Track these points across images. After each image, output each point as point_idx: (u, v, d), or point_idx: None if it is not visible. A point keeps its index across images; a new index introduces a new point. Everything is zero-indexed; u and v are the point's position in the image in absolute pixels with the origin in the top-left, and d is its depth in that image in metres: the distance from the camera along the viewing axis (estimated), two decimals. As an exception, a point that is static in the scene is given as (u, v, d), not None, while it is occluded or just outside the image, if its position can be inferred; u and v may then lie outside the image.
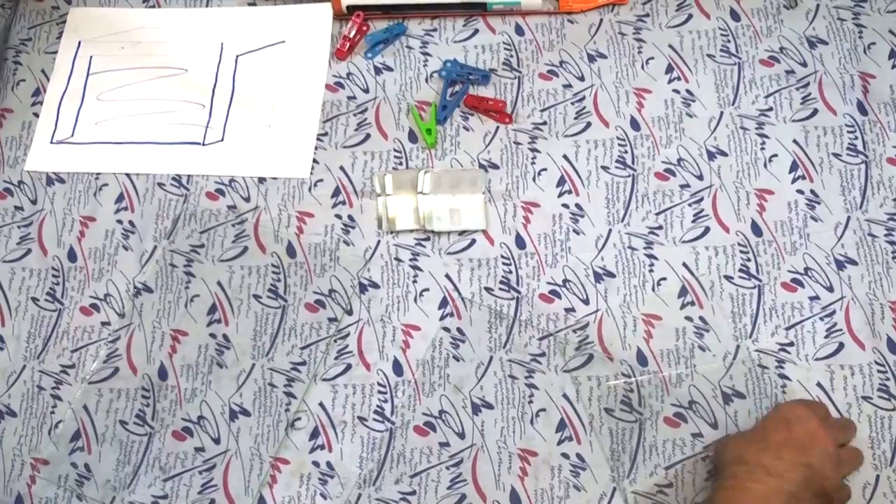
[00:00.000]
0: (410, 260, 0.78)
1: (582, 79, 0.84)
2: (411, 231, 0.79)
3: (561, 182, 0.80)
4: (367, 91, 0.85)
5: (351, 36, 0.86)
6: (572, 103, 0.83)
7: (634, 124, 0.81)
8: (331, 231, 0.80)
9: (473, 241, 0.78)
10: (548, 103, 0.83)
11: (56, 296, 0.80)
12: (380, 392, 0.74)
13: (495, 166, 0.81)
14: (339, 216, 0.80)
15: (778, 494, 0.60)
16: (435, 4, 0.86)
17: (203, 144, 0.84)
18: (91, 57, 0.90)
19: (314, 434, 0.73)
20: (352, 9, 0.87)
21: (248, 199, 0.82)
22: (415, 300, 0.77)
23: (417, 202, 0.79)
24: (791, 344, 0.72)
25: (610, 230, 0.78)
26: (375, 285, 0.77)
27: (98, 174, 0.84)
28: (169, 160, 0.84)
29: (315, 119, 0.84)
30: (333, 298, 0.77)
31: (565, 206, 0.79)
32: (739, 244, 0.76)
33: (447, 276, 0.77)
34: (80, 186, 0.84)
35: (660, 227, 0.77)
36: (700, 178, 0.79)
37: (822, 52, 0.82)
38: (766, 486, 0.61)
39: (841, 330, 0.72)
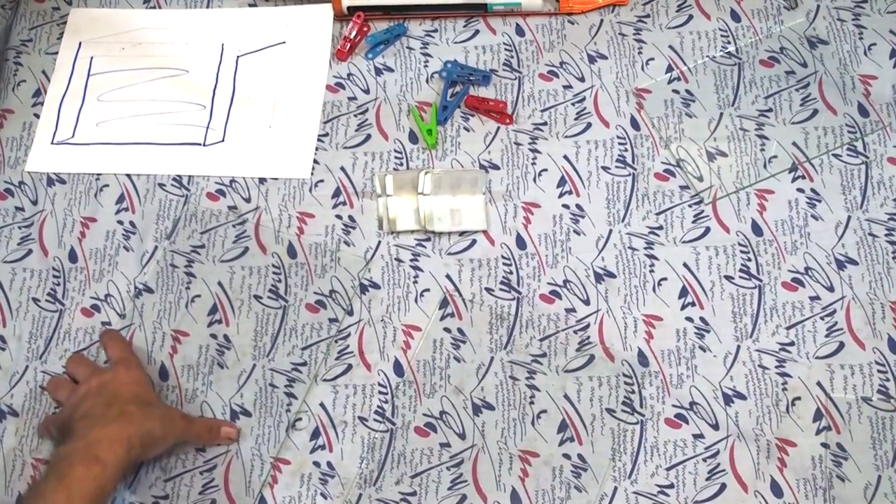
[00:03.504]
0: (411, 260, 0.78)
1: (582, 79, 0.84)
2: (412, 232, 0.79)
3: (561, 182, 0.80)
4: (367, 92, 0.85)
5: (351, 37, 0.86)
6: (573, 104, 0.83)
7: (634, 124, 0.81)
8: (331, 231, 0.80)
9: (474, 242, 0.78)
10: (548, 104, 0.83)
11: (57, 296, 0.80)
12: (380, 392, 0.74)
13: (496, 167, 0.81)
14: (339, 217, 0.80)
15: None
16: (435, 5, 0.86)
17: (204, 145, 0.85)
18: (92, 58, 0.90)
19: (315, 434, 0.73)
20: (352, 9, 0.87)
21: (248, 200, 0.82)
22: (415, 300, 0.77)
23: (418, 203, 0.79)
24: (792, 343, 0.72)
25: (610, 230, 0.78)
26: (376, 286, 0.78)
27: (99, 175, 0.84)
28: (169, 161, 0.84)
29: (316, 120, 0.84)
30: (334, 299, 0.77)
31: (566, 206, 0.79)
32: (740, 244, 0.76)
33: (448, 276, 0.77)
34: (81, 187, 0.84)
35: (660, 228, 0.77)
36: (700, 178, 0.79)
37: (822, 53, 0.82)
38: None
39: (841, 329, 0.72)
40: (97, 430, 0.64)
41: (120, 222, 0.82)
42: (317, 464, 0.72)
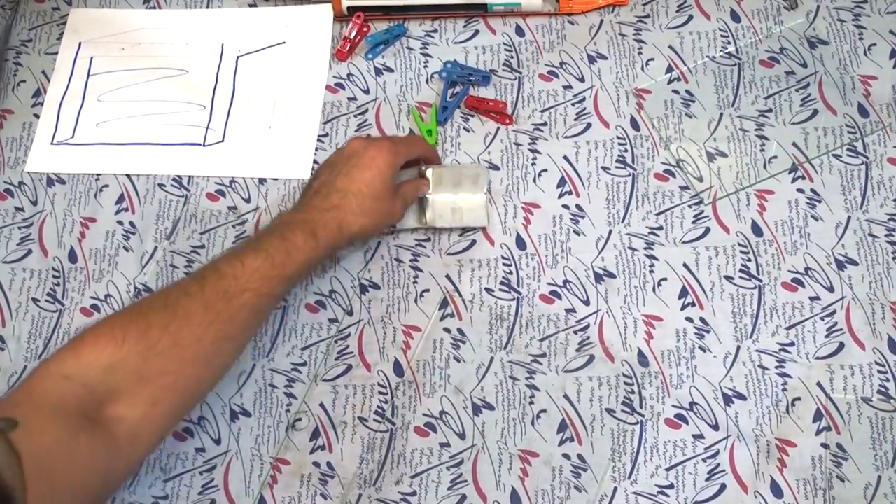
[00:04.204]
0: (411, 261, 0.78)
1: (582, 80, 0.84)
2: (412, 231, 0.79)
3: (561, 183, 0.80)
4: (367, 92, 0.85)
5: (351, 37, 0.86)
6: (573, 104, 0.83)
7: (634, 124, 0.81)
8: (331, 232, 0.80)
9: (474, 242, 0.78)
10: (548, 104, 0.83)
11: (57, 297, 0.80)
12: (380, 393, 0.74)
13: (496, 167, 0.81)
14: (339, 217, 0.80)
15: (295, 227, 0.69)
16: (435, 5, 0.86)
17: (203, 145, 0.85)
18: (91, 58, 0.90)
19: (314, 434, 0.73)
20: (352, 10, 0.87)
21: (248, 200, 0.82)
22: (415, 301, 0.77)
23: (419, 201, 0.79)
24: (791, 344, 0.72)
25: (610, 231, 0.78)
26: (376, 286, 0.77)
27: (98, 175, 0.84)
28: (169, 161, 0.84)
29: (315, 120, 0.84)
30: (334, 299, 0.77)
31: (566, 206, 0.79)
32: (740, 244, 0.76)
33: (447, 276, 0.77)
34: (81, 187, 0.84)
35: (660, 228, 0.77)
36: (700, 179, 0.79)
37: (822, 53, 0.82)
38: (294, 217, 0.69)
39: (841, 329, 0.72)
40: (317, 213, 0.69)
41: (120, 222, 0.82)
42: (316, 464, 0.72)
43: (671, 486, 0.69)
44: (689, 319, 0.74)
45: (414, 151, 0.77)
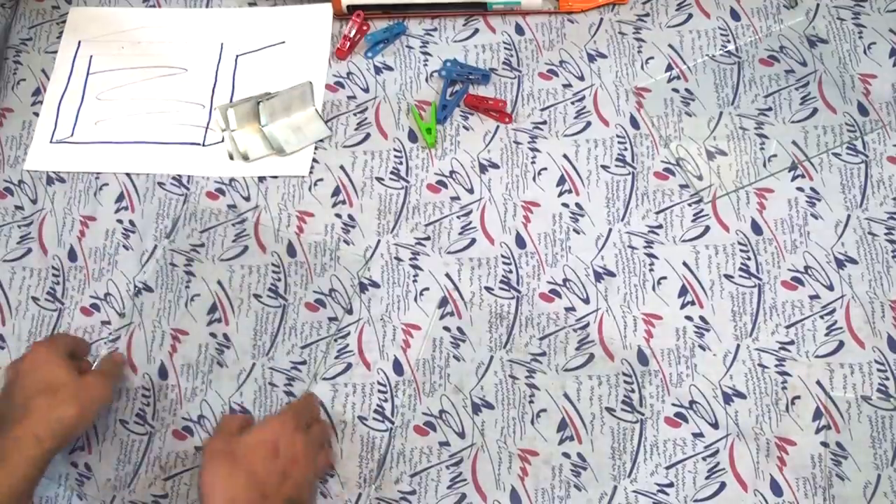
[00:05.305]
0: (410, 259, 0.78)
1: (582, 78, 0.84)
2: (267, 162, 0.79)
3: (561, 181, 0.80)
4: (367, 90, 0.85)
5: (351, 35, 0.86)
6: (572, 103, 0.83)
7: (634, 123, 0.81)
8: (331, 230, 0.80)
9: (473, 241, 0.78)
10: (548, 103, 0.83)
11: (56, 295, 0.80)
12: (380, 391, 0.74)
13: (495, 166, 0.81)
14: (339, 215, 0.80)
15: None
16: (435, 4, 0.86)
17: (203, 145, 0.84)
18: (91, 56, 0.90)
19: (314, 433, 0.73)
20: (352, 8, 0.87)
21: (248, 199, 0.82)
22: (415, 299, 0.77)
23: (262, 133, 0.82)
24: (791, 342, 0.72)
25: (610, 229, 0.78)
26: (376, 284, 0.77)
27: (98, 174, 0.84)
28: (169, 160, 0.84)
29: (315, 118, 0.84)
30: (334, 298, 0.77)
31: (565, 205, 0.79)
32: (739, 243, 0.76)
33: (447, 275, 0.77)
34: (81, 186, 0.84)
35: (660, 227, 0.77)
36: (700, 177, 0.79)
37: (821, 52, 0.82)
38: None
39: (841, 328, 0.72)
40: (4, 433, 0.65)
41: (119, 221, 0.82)
42: (316, 463, 0.72)
43: (671, 485, 0.69)
44: (689, 318, 0.74)
45: (64, 343, 0.73)
